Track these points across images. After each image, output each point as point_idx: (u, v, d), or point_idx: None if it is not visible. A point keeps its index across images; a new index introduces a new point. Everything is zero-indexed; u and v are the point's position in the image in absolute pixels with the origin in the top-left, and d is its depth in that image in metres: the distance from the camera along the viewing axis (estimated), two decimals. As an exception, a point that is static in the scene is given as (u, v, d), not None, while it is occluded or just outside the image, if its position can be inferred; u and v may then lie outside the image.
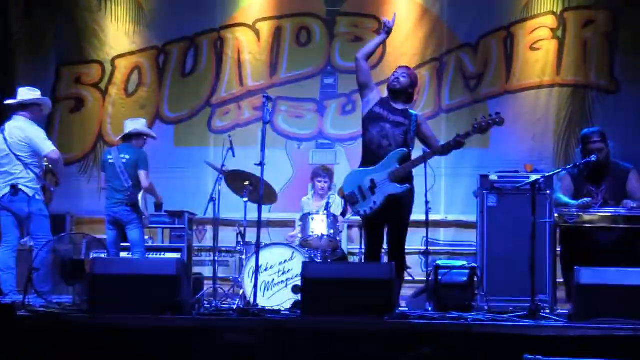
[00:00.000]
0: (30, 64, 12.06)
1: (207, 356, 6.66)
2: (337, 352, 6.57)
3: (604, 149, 8.35)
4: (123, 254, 9.25)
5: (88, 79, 12.14)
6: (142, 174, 9.11)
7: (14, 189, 8.49)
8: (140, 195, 9.04)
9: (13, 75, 11.77)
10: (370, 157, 7.80)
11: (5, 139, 8.57)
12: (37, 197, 8.59)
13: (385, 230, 7.93)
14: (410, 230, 8.19)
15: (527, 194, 7.97)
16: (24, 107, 8.78)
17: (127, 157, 9.12)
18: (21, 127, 8.64)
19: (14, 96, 8.87)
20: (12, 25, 12.11)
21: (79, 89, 12.14)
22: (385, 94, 7.95)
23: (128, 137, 9.32)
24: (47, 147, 8.64)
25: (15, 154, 8.52)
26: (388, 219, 7.84)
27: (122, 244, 9.26)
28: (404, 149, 7.73)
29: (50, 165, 8.86)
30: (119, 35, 12.14)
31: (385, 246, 8.03)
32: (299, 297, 7.78)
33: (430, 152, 7.86)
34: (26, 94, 8.86)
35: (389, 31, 8.02)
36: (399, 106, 7.87)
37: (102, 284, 7.36)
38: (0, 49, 11.97)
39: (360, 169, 7.85)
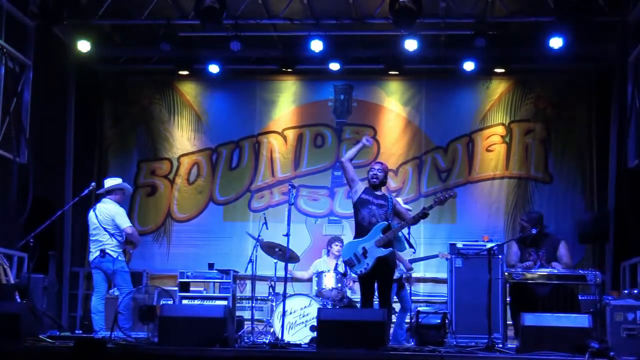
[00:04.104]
0: (118, 160, 12.23)
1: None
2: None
3: (526, 227, 8.40)
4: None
5: (160, 171, 12.26)
6: None
7: (102, 252, 8.54)
8: None
9: (106, 169, 11.93)
10: (362, 230, 7.74)
11: (96, 215, 8.67)
12: (120, 258, 8.64)
13: (375, 284, 7.88)
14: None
15: (485, 258, 8.01)
16: (109, 192, 8.90)
17: None
18: (107, 207, 8.74)
19: (103, 186, 8.98)
20: (105, 132, 12.32)
21: (153, 179, 12.24)
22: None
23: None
24: (125, 223, 8.70)
25: (103, 227, 8.59)
26: (377, 277, 7.76)
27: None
28: (385, 222, 7.73)
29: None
30: (183, 140, 12.29)
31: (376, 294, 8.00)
32: (315, 334, 7.73)
33: (404, 223, 7.85)
34: (110, 182, 8.99)
35: (365, 145, 8.13)
36: (379, 192, 7.91)
37: (168, 324, 7.31)
38: (97, 150, 12.16)
39: (354, 240, 7.77)
